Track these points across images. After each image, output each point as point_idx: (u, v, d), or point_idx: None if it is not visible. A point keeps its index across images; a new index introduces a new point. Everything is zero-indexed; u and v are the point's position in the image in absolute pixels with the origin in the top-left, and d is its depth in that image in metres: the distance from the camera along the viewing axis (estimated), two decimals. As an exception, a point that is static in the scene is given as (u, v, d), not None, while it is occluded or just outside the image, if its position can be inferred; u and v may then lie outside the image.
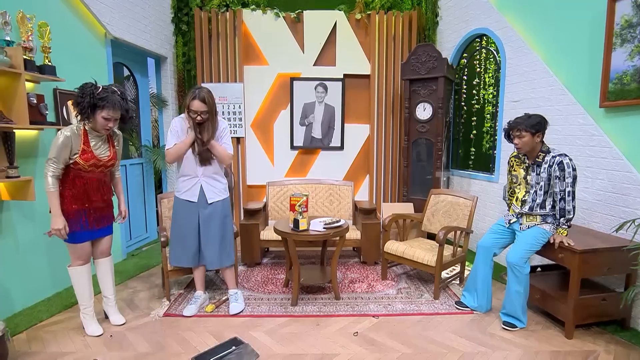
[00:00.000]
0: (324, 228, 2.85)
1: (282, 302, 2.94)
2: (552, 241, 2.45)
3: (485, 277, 2.74)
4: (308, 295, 3.06)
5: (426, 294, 3.10)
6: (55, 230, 2.23)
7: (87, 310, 2.47)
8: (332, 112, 4.74)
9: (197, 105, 2.48)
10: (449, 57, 4.42)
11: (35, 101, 2.69)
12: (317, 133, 4.77)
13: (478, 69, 4.20)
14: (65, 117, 3.08)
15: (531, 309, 2.83)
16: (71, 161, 2.24)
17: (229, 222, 2.80)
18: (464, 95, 4.46)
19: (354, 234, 3.68)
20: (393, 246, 3.23)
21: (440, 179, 4.13)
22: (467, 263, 3.54)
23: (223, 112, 4.65)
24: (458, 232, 3.13)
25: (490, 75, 4.08)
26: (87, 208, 2.36)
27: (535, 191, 2.51)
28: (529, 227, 2.55)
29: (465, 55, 4.43)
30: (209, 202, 2.68)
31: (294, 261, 2.86)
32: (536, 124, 2.40)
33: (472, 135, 4.30)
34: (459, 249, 3.17)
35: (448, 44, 4.56)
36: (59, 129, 3.00)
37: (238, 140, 4.76)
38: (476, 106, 4.24)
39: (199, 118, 2.52)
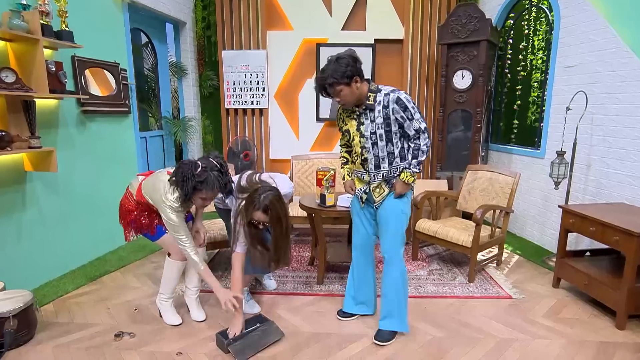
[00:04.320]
0: (352, 205, 2.68)
1: (307, 281, 2.84)
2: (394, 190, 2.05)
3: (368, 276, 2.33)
4: (334, 274, 2.95)
5: (460, 277, 2.91)
6: (226, 306, 2.09)
7: (169, 301, 2.37)
8: (361, 81, 4.46)
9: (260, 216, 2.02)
10: (493, 18, 3.99)
11: (54, 69, 2.59)
12: (344, 104, 4.53)
13: (526, 31, 3.77)
14: (84, 85, 2.99)
15: (577, 295, 2.60)
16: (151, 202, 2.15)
17: None
18: (508, 62, 4.05)
19: (382, 210, 3.50)
20: (425, 225, 3.03)
21: (479, 154, 3.83)
22: (505, 245, 3.30)
23: (245, 82, 4.47)
24: (497, 212, 2.89)
25: (540, 37, 3.65)
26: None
27: (375, 142, 2.00)
28: (382, 204, 2.10)
29: (511, 15, 3.99)
30: None
31: (320, 238, 2.73)
32: (346, 71, 1.87)
33: (515, 106, 3.93)
34: (497, 229, 2.94)
35: (492, 2, 4.11)
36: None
37: (261, 112, 4.58)
38: (522, 73, 3.84)
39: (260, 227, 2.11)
